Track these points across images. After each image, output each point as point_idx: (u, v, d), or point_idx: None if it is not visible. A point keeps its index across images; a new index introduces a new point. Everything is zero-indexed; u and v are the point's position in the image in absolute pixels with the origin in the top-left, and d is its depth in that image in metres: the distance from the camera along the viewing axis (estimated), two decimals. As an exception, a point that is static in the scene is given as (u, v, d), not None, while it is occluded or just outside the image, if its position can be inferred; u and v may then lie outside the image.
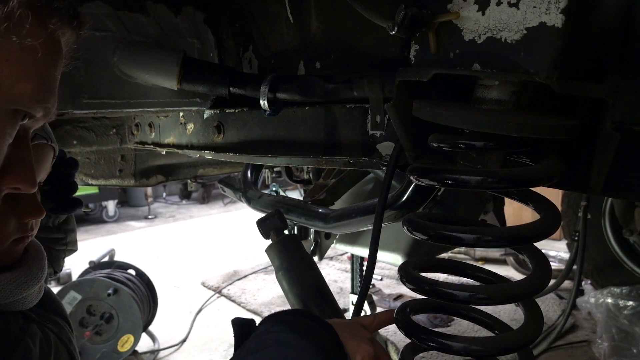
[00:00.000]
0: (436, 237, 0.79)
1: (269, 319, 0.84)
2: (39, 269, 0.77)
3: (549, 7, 0.67)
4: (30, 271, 0.75)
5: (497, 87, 0.76)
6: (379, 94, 0.99)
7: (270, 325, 0.81)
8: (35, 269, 0.76)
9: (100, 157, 1.96)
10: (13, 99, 0.58)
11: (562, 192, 3.38)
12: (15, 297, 0.73)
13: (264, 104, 1.17)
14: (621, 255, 3.29)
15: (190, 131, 1.55)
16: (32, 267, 0.76)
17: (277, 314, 0.85)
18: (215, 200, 9.04)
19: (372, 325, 0.91)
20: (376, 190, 2.04)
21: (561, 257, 4.49)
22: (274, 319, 0.83)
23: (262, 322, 0.83)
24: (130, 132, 1.82)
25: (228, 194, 1.96)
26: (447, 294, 0.81)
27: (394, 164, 0.94)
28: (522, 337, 0.87)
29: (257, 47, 1.37)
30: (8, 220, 0.69)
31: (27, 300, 0.77)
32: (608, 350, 2.90)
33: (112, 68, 1.31)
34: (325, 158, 1.18)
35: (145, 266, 3.74)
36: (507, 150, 0.81)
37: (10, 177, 0.63)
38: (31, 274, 0.75)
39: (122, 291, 3.05)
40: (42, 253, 0.81)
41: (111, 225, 7.38)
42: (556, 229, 0.81)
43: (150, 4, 1.35)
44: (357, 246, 2.31)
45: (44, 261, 0.80)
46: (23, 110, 0.61)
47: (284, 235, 1.33)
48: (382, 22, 0.80)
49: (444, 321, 3.46)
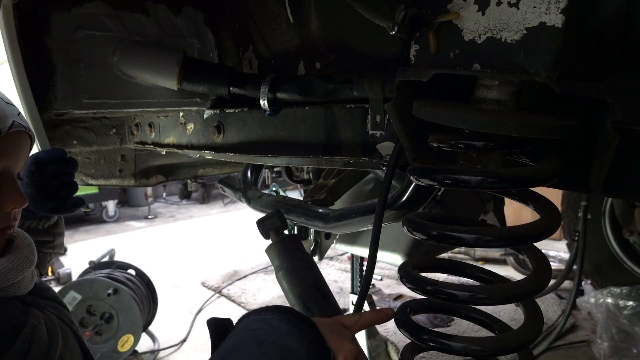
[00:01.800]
0: (436, 237, 0.79)
1: (247, 316, 0.79)
2: (30, 253, 0.84)
3: (549, 7, 0.67)
4: (22, 254, 0.82)
5: (497, 87, 0.76)
6: (379, 94, 0.99)
7: (249, 322, 0.76)
8: (27, 252, 0.84)
9: (100, 157, 1.96)
10: None
11: (562, 192, 3.38)
12: (11, 281, 0.79)
13: (264, 104, 1.17)
14: (621, 255, 3.29)
15: (190, 131, 1.55)
16: (22, 251, 0.83)
17: (255, 311, 0.80)
18: (215, 200, 9.04)
19: (356, 325, 0.85)
20: (376, 190, 2.04)
21: (561, 257, 4.49)
22: (252, 317, 0.78)
23: (240, 319, 0.79)
24: (130, 132, 1.82)
25: (228, 194, 1.96)
26: (447, 294, 0.81)
27: (394, 164, 0.94)
28: (522, 337, 0.88)
29: (257, 47, 1.37)
30: None
31: (22, 285, 0.83)
32: (608, 350, 2.90)
33: (112, 68, 1.31)
34: (325, 158, 1.18)
35: (145, 266, 3.74)
36: (507, 150, 0.81)
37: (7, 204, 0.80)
38: (22, 257, 0.82)
39: (122, 291, 3.05)
40: (29, 239, 0.88)
41: (111, 225, 7.38)
42: (556, 229, 0.81)
43: (151, 4, 1.35)
44: (357, 246, 2.31)
45: (33, 246, 0.87)
46: None
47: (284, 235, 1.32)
48: (382, 22, 0.80)
49: (444, 321, 3.46)
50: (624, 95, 0.70)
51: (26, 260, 0.82)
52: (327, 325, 0.80)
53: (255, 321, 0.76)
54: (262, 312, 0.78)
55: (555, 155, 0.80)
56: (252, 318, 0.77)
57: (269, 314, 0.77)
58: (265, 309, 0.79)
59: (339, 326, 0.83)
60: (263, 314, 0.78)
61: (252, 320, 0.77)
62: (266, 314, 0.78)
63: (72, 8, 1.23)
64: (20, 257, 0.82)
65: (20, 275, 0.81)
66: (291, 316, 0.77)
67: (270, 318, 0.76)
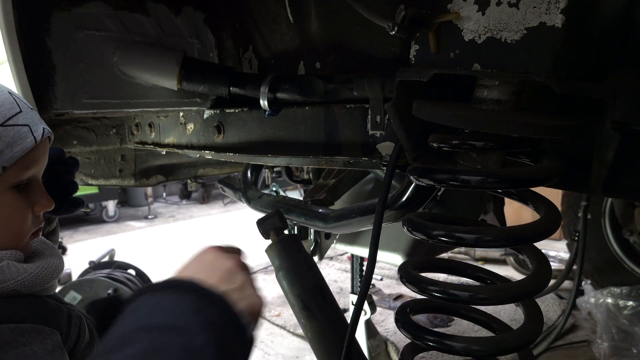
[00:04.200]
0: (436, 237, 0.79)
1: (141, 294, 0.62)
2: (60, 258, 0.90)
3: (549, 7, 0.67)
4: (55, 259, 0.88)
5: (497, 87, 0.76)
6: (379, 94, 0.99)
7: (142, 307, 0.59)
8: (58, 258, 0.89)
9: (100, 157, 1.96)
10: None
11: (562, 192, 3.38)
12: (49, 283, 0.84)
13: (264, 104, 1.17)
14: (621, 255, 3.29)
15: (190, 131, 1.55)
16: (54, 256, 0.89)
17: (150, 288, 0.62)
18: (215, 200, 9.04)
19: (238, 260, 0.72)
20: (376, 190, 2.04)
21: (561, 257, 4.49)
22: (146, 297, 0.61)
23: (132, 297, 0.62)
24: (130, 132, 1.82)
25: (228, 194, 1.96)
26: (447, 294, 0.81)
27: (394, 164, 0.94)
28: (522, 337, 0.88)
29: (257, 47, 1.37)
30: (27, 215, 0.85)
31: (52, 287, 0.88)
32: (608, 350, 2.90)
33: (112, 68, 1.31)
34: (325, 158, 1.18)
35: (145, 266, 3.74)
36: (507, 150, 0.81)
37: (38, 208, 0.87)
38: (56, 261, 0.88)
39: (122, 291, 3.04)
40: (52, 245, 0.94)
41: (111, 225, 7.38)
42: (556, 229, 0.81)
43: (151, 4, 1.35)
44: (357, 246, 2.31)
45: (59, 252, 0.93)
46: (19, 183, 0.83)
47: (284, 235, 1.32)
48: (382, 22, 0.80)
49: (444, 321, 3.46)
50: (624, 95, 0.70)
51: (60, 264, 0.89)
52: (235, 291, 0.66)
53: (150, 304, 0.60)
54: (157, 290, 0.62)
55: (555, 155, 0.80)
56: (147, 299, 0.61)
57: (167, 295, 0.61)
58: (162, 286, 0.62)
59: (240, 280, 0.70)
60: (158, 295, 0.61)
61: (146, 303, 0.60)
62: (162, 294, 0.61)
63: (72, 8, 1.23)
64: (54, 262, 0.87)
65: (55, 278, 0.87)
66: (194, 296, 0.60)
67: (169, 302, 0.60)
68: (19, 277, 0.78)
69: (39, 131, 0.84)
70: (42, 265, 0.83)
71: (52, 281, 0.85)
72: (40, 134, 0.84)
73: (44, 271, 0.83)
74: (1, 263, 0.78)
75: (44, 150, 0.87)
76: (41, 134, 0.84)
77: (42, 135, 0.85)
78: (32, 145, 0.82)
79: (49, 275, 0.83)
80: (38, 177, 0.88)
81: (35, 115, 0.87)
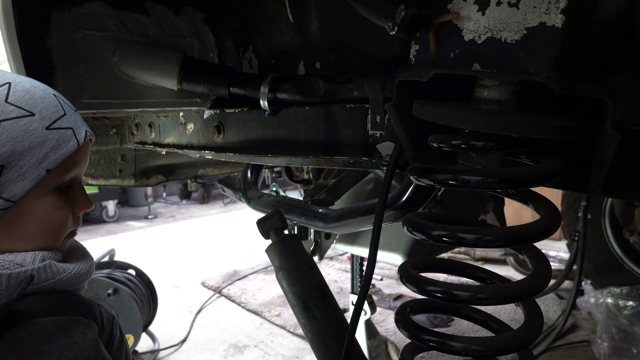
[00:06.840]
0: (436, 237, 0.79)
1: None
2: (91, 259, 0.93)
3: (549, 7, 0.67)
4: (89, 260, 0.91)
5: (497, 87, 0.76)
6: (379, 94, 0.99)
7: None
8: (90, 258, 0.92)
9: (100, 157, 1.96)
10: None
11: (562, 192, 3.38)
12: (83, 282, 0.88)
13: (264, 104, 1.17)
14: (621, 255, 3.29)
15: (190, 131, 1.55)
16: (87, 256, 0.92)
17: None
18: (215, 200, 9.04)
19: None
20: (376, 190, 2.04)
21: (561, 257, 4.48)
22: None
23: None
24: (130, 132, 1.82)
25: (228, 194, 1.96)
26: (447, 294, 0.81)
27: (394, 164, 0.94)
28: (522, 337, 0.88)
29: (257, 47, 1.37)
30: (68, 216, 0.88)
31: (84, 286, 0.91)
32: (608, 350, 2.90)
33: (112, 68, 1.31)
34: (325, 158, 1.18)
35: (145, 266, 3.74)
36: (507, 150, 0.81)
37: (78, 209, 0.89)
38: (90, 262, 0.91)
39: (122, 291, 3.04)
40: (83, 245, 0.97)
41: (111, 225, 7.38)
42: (556, 229, 0.81)
43: (151, 4, 1.35)
44: (357, 246, 2.31)
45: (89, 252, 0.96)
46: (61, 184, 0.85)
47: (284, 235, 1.33)
48: (382, 22, 0.80)
49: (444, 321, 3.46)
50: (624, 95, 0.70)
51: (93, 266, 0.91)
52: None
53: None
54: None
55: (555, 155, 0.80)
56: None
57: None
58: None
59: None
60: None
61: None
62: None
63: (72, 8, 1.23)
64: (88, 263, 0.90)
65: (89, 279, 0.90)
66: None
67: None
68: (59, 276, 0.82)
69: (81, 134, 0.86)
70: (79, 266, 0.87)
71: (85, 281, 0.88)
72: (83, 136, 0.87)
73: (81, 271, 0.86)
74: (44, 262, 0.81)
75: (86, 152, 0.90)
76: (84, 136, 0.87)
77: (85, 138, 0.87)
78: (75, 148, 0.84)
79: (84, 275, 0.87)
80: (79, 179, 0.90)
81: (78, 118, 0.89)
